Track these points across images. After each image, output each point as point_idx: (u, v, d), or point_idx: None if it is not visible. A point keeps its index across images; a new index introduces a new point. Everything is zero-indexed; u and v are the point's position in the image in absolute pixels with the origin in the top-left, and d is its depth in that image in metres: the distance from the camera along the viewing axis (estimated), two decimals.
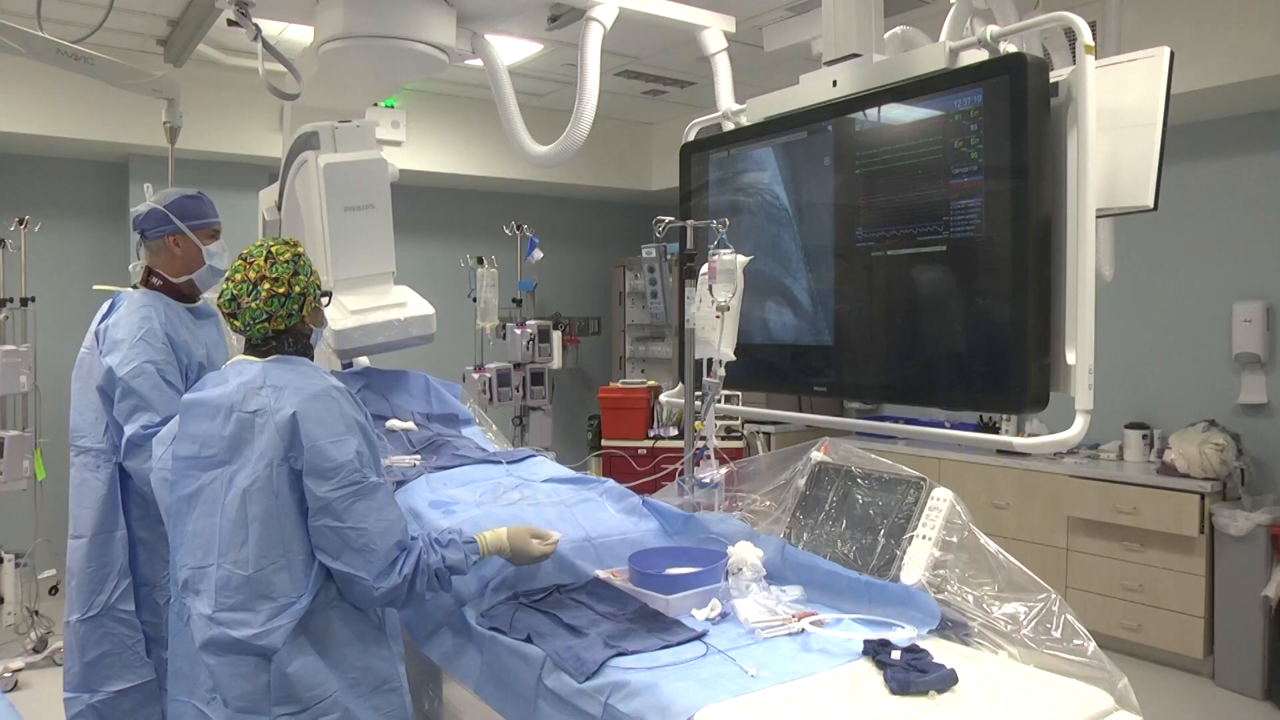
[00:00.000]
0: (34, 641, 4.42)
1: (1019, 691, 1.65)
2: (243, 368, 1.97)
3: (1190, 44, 3.90)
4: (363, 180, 2.82)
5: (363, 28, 2.78)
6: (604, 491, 2.62)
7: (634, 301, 7.51)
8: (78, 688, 2.51)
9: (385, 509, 1.87)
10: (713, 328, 2.45)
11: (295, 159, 2.91)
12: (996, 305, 2.21)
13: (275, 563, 1.82)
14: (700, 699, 1.61)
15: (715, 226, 2.47)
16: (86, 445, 2.55)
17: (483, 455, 2.86)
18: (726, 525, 2.37)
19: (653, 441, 5.63)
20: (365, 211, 2.83)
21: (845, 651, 1.81)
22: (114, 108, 4.88)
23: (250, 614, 1.80)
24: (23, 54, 3.09)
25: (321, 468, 1.82)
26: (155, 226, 2.62)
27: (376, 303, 2.83)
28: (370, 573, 1.82)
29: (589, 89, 2.94)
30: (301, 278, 1.99)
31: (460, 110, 6.22)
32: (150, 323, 2.52)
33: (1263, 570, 4.03)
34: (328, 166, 2.75)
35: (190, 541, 1.90)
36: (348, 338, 2.75)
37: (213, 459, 1.89)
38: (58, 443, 5.01)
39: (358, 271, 2.86)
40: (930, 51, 2.39)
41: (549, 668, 1.83)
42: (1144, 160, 2.10)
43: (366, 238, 2.87)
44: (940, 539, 2.04)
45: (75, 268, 5.64)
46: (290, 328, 2.00)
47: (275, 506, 1.83)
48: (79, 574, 2.51)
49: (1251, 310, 4.42)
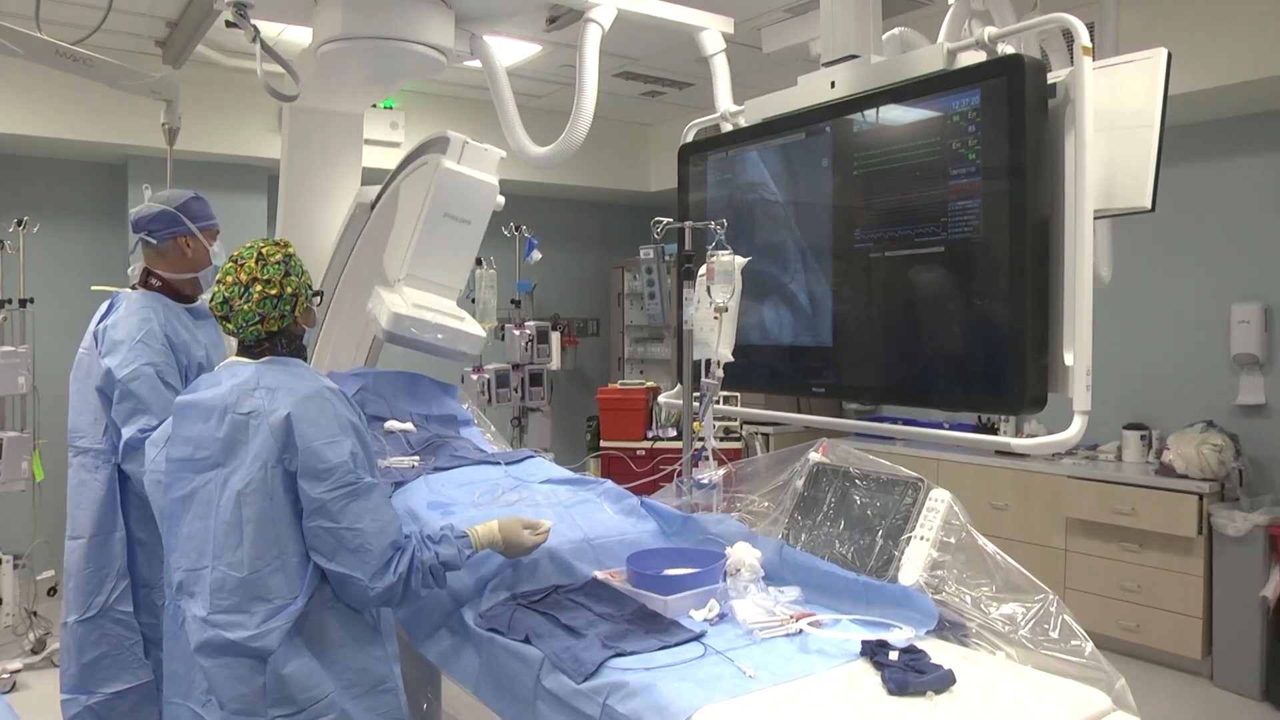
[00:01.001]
0: (32, 643, 4.42)
1: (1017, 692, 1.65)
2: (235, 369, 1.96)
3: (1188, 45, 3.91)
4: (471, 196, 2.91)
5: (361, 29, 2.78)
6: (602, 492, 2.62)
7: (632, 303, 7.51)
8: (75, 689, 2.50)
9: (380, 509, 1.87)
10: (711, 329, 2.45)
11: (415, 159, 2.99)
12: (994, 306, 2.21)
13: (270, 564, 1.82)
14: (698, 700, 1.61)
15: (714, 228, 2.47)
16: (85, 446, 2.54)
17: (481, 456, 2.86)
18: (724, 526, 2.37)
19: (651, 442, 5.63)
20: (461, 225, 2.91)
21: (843, 652, 1.81)
22: (113, 109, 4.88)
23: (245, 616, 1.80)
24: (21, 55, 3.09)
25: (316, 469, 1.81)
26: (166, 228, 2.64)
27: (438, 307, 2.89)
28: (365, 573, 1.82)
29: (587, 90, 2.94)
30: (293, 278, 1.99)
31: (459, 111, 6.22)
32: (149, 324, 2.53)
33: (1261, 571, 4.04)
34: (445, 170, 2.83)
35: (184, 544, 1.90)
36: (402, 324, 2.78)
37: (206, 461, 1.89)
38: (56, 444, 5.00)
39: (431, 275, 2.92)
40: (928, 53, 2.40)
41: (547, 668, 1.83)
42: (1142, 161, 2.10)
43: (452, 248, 2.94)
44: (938, 540, 2.04)
45: (74, 269, 5.63)
46: (283, 329, 2.00)
47: (270, 508, 1.82)
48: (77, 575, 2.50)
49: (1249, 311, 4.43)
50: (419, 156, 2.97)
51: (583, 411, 7.38)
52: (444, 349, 2.88)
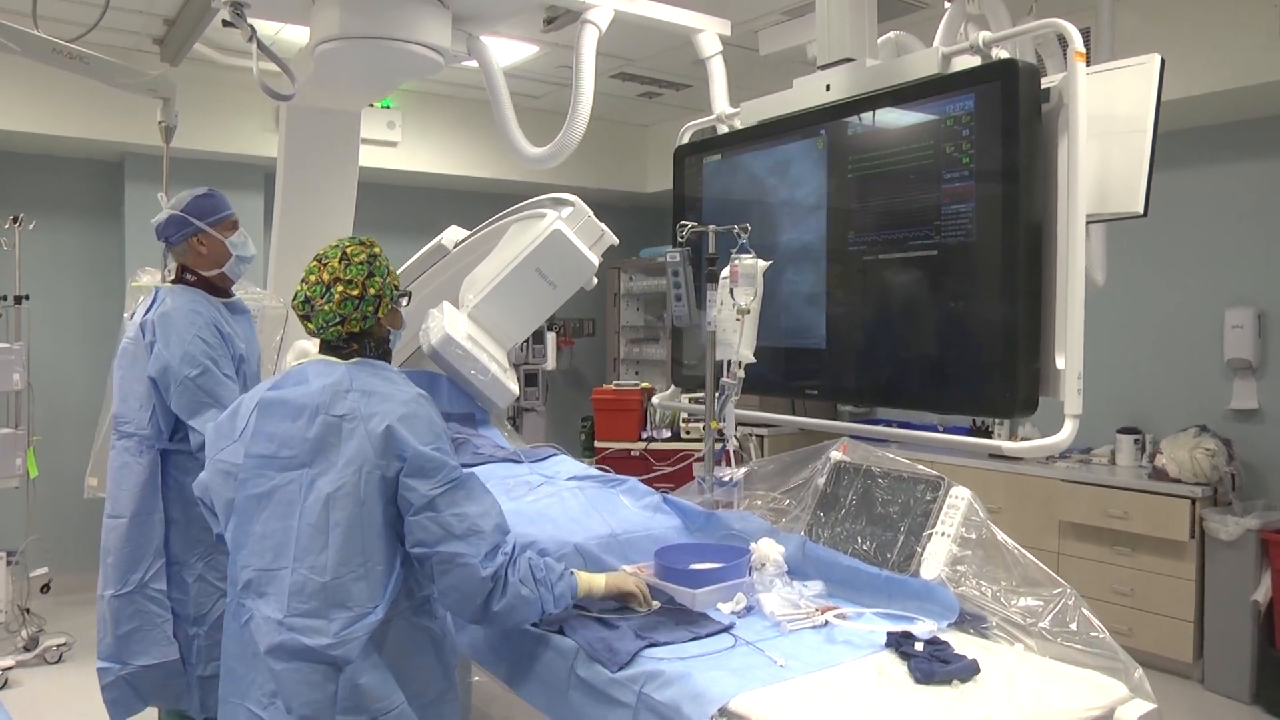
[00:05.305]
0: (25, 640, 4.41)
1: (1038, 681, 1.71)
2: (324, 369, 1.91)
3: (1183, 51, 3.92)
4: (569, 264, 2.92)
5: (358, 29, 2.79)
6: (626, 489, 2.67)
7: (629, 303, 7.51)
8: (110, 658, 2.63)
9: (483, 495, 1.86)
10: (734, 330, 2.49)
11: (533, 208, 3.00)
12: (986, 310, 2.22)
13: (354, 571, 1.78)
14: (733, 687, 1.65)
15: (736, 232, 2.49)
16: (130, 431, 2.67)
17: (505, 454, 2.87)
18: (747, 522, 2.42)
19: (646, 443, 5.64)
20: (546, 286, 2.92)
21: (868, 643, 1.87)
22: (109, 106, 4.87)
23: (324, 621, 1.76)
24: (18, 53, 3.09)
25: (424, 469, 1.79)
26: (177, 231, 2.73)
27: (489, 349, 2.91)
28: (478, 553, 1.78)
29: (584, 91, 2.95)
30: (377, 279, 1.94)
31: (456, 111, 6.23)
32: (201, 316, 2.65)
33: (1252, 575, 4.05)
34: (557, 231, 2.87)
35: (257, 542, 1.85)
36: (449, 347, 2.79)
37: (291, 460, 1.84)
38: (50, 441, 5.01)
39: (496, 318, 2.93)
40: (923, 57, 2.41)
41: (581, 659, 1.86)
42: (1134, 166, 2.11)
43: (528, 304, 2.96)
44: (959, 535, 2.10)
45: (69, 266, 5.62)
46: (367, 330, 1.96)
47: (360, 514, 1.79)
48: (116, 551, 2.62)
49: (1242, 316, 4.44)
50: (540, 207, 3.00)
51: (578, 412, 7.38)
52: (475, 388, 2.91)
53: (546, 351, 6.00)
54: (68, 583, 5.01)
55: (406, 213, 6.60)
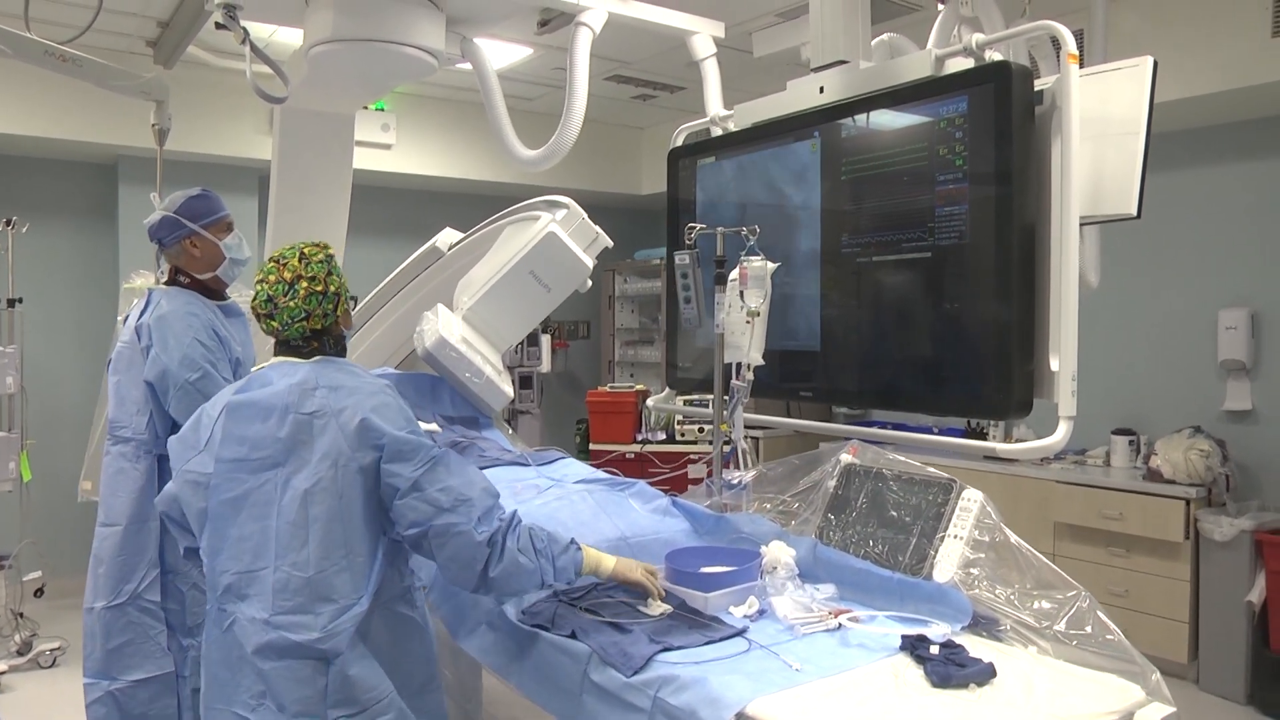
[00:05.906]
0: (18, 644, 4.40)
1: (1055, 684, 1.70)
2: (288, 369, 1.94)
3: (1176, 53, 3.93)
4: (563, 267, 2.92)
5: (352, 31, 2.78)
6: (635, 492, 2.66)
7: (623, 306, 7.51)
8: (98, 674, 2.55)
9: (464, 466, 1.90)
10: (743, 332, 2.49)
11: (527, 210, 3.00)
12: (981, 312, 2.22)
13: (337, 564, 1.81)
14: (749, 692, 1.65)
15: (745, 235, 2.48)
16: (126, 436, 2.61)
17: (511, 457, 2.86)
18: (757, 526, 2.41)
19: (640, 446, 5.64)
20: (540, 288, 2.93)
21: (883, 647, 1.86)
22: (103, 109, 4.86)
23: (311, 616, 1.79)
24: (10, 55, 3.08)
25: (403, 452, 1.84)
26: (170, 233, 2.69)
27: (484, 352, 2.91)
28: (470, 519, 1.83)
29: (578, 93, 2.95)
30: (335, 277, 2.00)
31: (450, 113, 6.22)
32: (199, 319, 2.61)
33: (1247, 575, 4.06)
34: (551, 233, 2.87)
35: (235, 546, 1.86)
36: (444, 349, 2.79)
37: (265, 461, 1.87)
38: (44, 445, 4.99)
39: (491, 321, 2.93)
40: (917, 59, 2.41)
41: (595, 663, 1.85)
42: (1127, 168, 2.12)
43: (522, 306, 2.96)
44: (971, 538, 2.09)
45: (63, 269, 5.61)
46: (326, 328, 1.99)
47: (339, 507, 1.82)
48: (109, 561, 2.56)
49: (1236, 317, 4.45)
50: (535, 209, 3.00)
51: (573, 414, 7.37)
52: (470, 391, 2.91)
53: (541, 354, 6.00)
54: (61, 587, 4.98)
55: (401, 215, 6.59)
